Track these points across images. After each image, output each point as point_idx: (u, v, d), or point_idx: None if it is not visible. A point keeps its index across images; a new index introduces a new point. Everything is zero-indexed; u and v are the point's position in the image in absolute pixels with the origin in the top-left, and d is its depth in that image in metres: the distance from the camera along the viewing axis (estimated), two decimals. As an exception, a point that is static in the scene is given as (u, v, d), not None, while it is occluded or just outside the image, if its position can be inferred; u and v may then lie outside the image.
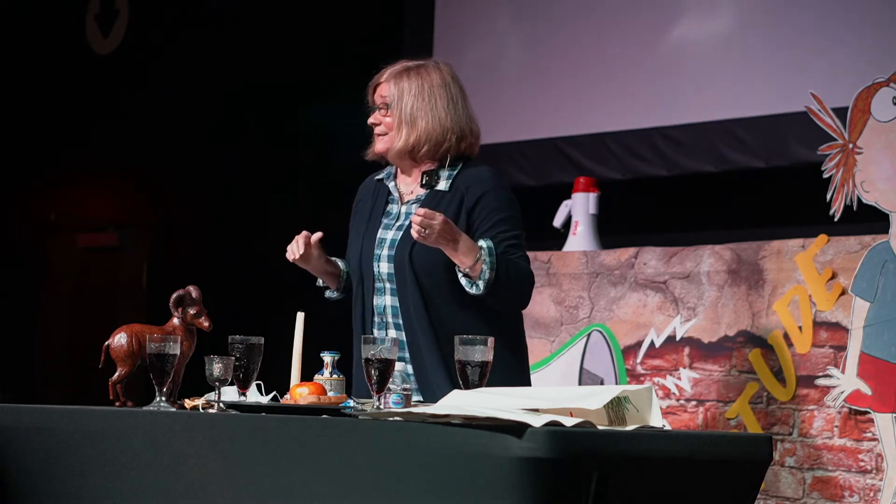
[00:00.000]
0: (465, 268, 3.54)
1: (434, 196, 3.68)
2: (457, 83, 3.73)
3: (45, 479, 3.46)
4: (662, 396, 4.69)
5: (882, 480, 4.20)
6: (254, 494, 3.06)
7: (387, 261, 3.68)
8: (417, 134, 3.67)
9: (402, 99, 3.68)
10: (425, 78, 3.70)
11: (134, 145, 7.88)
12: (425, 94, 3.68)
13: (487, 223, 3.62)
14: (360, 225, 3.80)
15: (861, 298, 4.27)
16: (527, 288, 3.63)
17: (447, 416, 2.76)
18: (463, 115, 3.71)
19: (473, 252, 3.53)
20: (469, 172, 3.70)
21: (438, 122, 3.67)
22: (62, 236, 8.41)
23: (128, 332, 3.56)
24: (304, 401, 3.32)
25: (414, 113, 3.67)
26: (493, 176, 3.70)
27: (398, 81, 3.70)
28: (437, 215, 3.48)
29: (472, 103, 3.80)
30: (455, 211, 3.64)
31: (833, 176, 4.32)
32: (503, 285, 3.55)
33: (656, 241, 4.96)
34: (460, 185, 3.67)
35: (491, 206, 3.64)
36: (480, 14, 6.45)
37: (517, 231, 3.66)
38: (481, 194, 3.65)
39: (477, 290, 3.55)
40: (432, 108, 3.67)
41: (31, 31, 8.35)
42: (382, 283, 3.69)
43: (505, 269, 3.54)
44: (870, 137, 4.28)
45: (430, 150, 3.69)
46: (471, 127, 3.73)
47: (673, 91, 5.78)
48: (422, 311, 3.62)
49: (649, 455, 2.77)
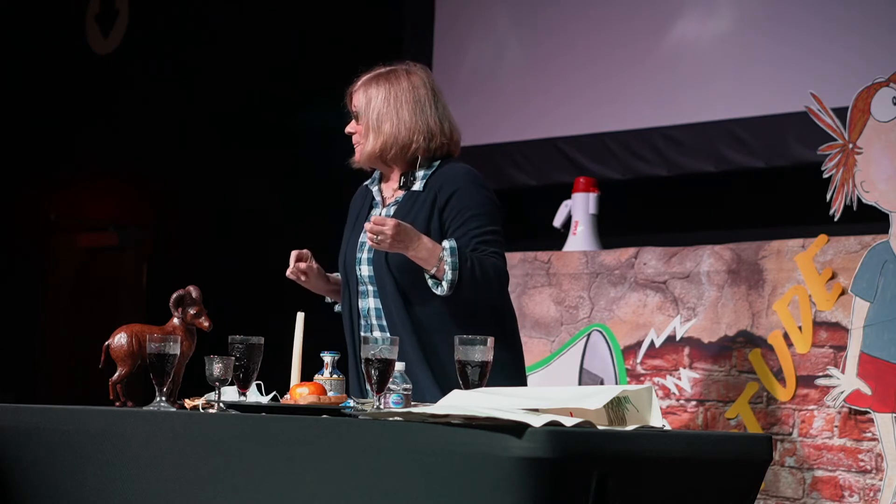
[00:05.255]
0: (430, 269, 3.56)
1: (410, 197, 3.72)
2: (427, 86, 3.77)
3: (45, 479, 3.47)
4: (662, 396, 4.69)
5: (882, 480, 4.20)
6: (254, 494, 3.06)
7: (367, 263, 3.73)
8: (384, 139, 3.72)
9: (369, 106, 3.75)
10: (393, 83, 3.75)
11: (134, 145, 7.88)
12: (391, 99, 3.73)
13: (458, 221, 3.65)
14: (347, 231, 3.87)
15: (861, 298, 4.27)
16: (495, 284, 3.62)
17: (447, 416, 2.76)
18: (433, 117, 3.75)
19: (435, 253, 3.56)
20: (443, 171, 3.74)
21: (403, 126, 3.72)
22: (62, 236, 8.41)
23: (128, 332, 3.56)
24: (304, 401, 3.32)
25: (380, 118, 3.73)
26: (467, 173, 3.73)
27: (367, 89, 3.77)
28: (389, 221, 3.51)
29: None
30: (428, 210, 3.68)
31: (833, 176, 4.32)
32: (468, 285, 3.56)
33: (656, 241, 4.96)
34: (434, 184, 3.71)
35: (462, 204, 3.66)
36: (480, 14, 6.45)
37: (490, 227, 3.66)
38: (452, 192, 3.68)
39: (442, 291, 3.57)
40: (397, 111, 3.72)
41: (31, 32, 8.35)
42: (365, 286, 3.73)
43: (469, 269, 3.56)
44: (870, 137, 4.29)
45: (399, 153, 3.74)
46: (442, 127, 3.76)
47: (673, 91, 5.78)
48: (402, 310, 3.65)
49: (649, 455, 2.77)
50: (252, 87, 7.34)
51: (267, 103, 7.27)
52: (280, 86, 7.19)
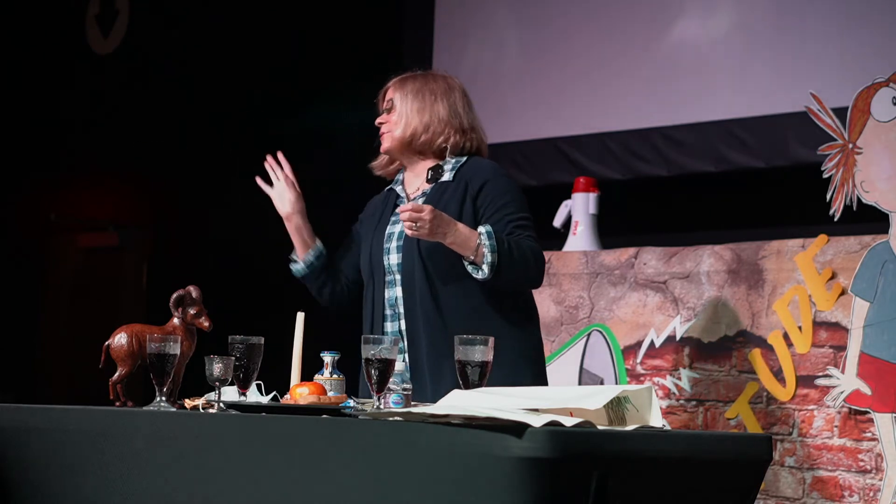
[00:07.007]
0: (468, 254, 3.57)
1: (439, 188, 3.76)
2: (459, 92, 3.85)
3: (45, 479, 3.46)
4: (662, 396, 4.69)
5: (882, 480, 4.20)
6: (254, 494, 3.06)
7: (396, 252, 3.75)
8: (416, 125, 3.79)
9: (405, 97, 3.82)
10: (429, 81, 3.85)
11: (134, 145, 7.88)
12: (426, 93, 3.81)
13: (493, 207, 3.69)
14: (368, 233, 3.88)
15: (861, 298, 4.27)
16: (534, 264, 3.64)
17: (447, 416, 2.76)
18: (465, 117, 3.83)
19: (472, 238, 3.57)
20: (473, 162, 3.79)
21: (436, 117, 3.80)
22: (62, 236, 8.41)
23: (128, 332, 3.56)
24: (304, 401, 3.32)
25: (413, 106, 3.80)
26: (496, 167, 3.81)
27: (403, 84, 3.85)
28: (425, 207, 3.53)
29: (472, 103, 3.87)
30: (460, 199, 3.70)
31: (833, 176, 4.32)
32: (507, 266, 3.58)
33: (656, 241, 4.96)
34: (465, 174, 3.75)
35: (496, 191, 3.71)
36: (480, 14, 6.45)
37: (523, 213, 3.72)
38: (485, 181, 3.72)
39: (483, 275, 3.58)
40: (432, 104, 3.80)
41: (31, 31, 8.35)
42: (393, 276, 3.75)
43: (507, 250, 3.58)
44: (870, 137, 4.29)
45: (428, 142, 3.79)
46: (473, 125, 3.84)
47: (673, 91, 5.78)
48: (427, 296, 3.66)
49: (649, 455, 2.77)
50: (252, 87, 7.34)
51: (267, 103, 7.27)
52: (280, 86, 7.18)
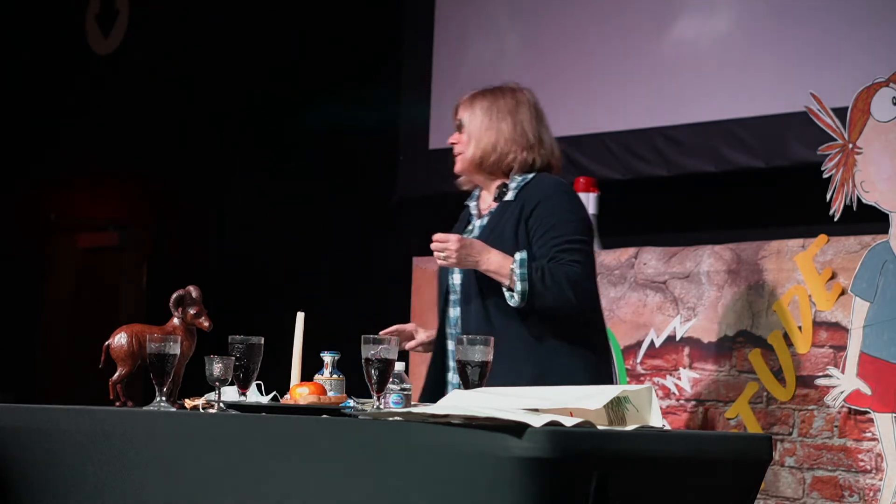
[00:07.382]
0: (504, 281, 3.61)
1: (502, 208, 3.79)
2: (530, 104, 3.85)
3: (45, 479, 3.46)
4: (662, 396, 4.69)
5: (882, 480, 4.20)
6: (254, 494, 3.06)
7: (458, 272, 3.79)
8: (483, 147, 3.80)
9: (473, 116, 3.84)
10: (497, 97, 3.85)
11: (134, 145, 7.88)
12: (493, 111, 3.82)
13: (541, 230, 3.69)
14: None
15: (861, 298, 4.27)
16: (570, 291, 3.62)
17: (447, 416, 2.76)
18: (531, 131, 3.82)
19: (506, 266, 3.61)
20: (536, 180, 3.79)
21: (502, 136, 3.80)
22: (62, 236, 8.41)
23: (128, 332, 3.56)
24: (304, 401, 3.32)
25: (481, 127, 3.82)
26: (557, 184, 3.79)
27: (472, 102, 3.87)
28: (451, 237, 3.59)
29: (544, 115, 3.89)
30: (515, 220, 3.73)
31: (833, 176, 4.32)
32: (539, 294, 3.60)
33: (656, 241, 4.96)
34: (525, 193, 3.76)
35: (545, 212, 3.71)
36: (480, 14, 6.45)
37: (572, 236, 3.69)
38: (538, 202, 3.72)
39: (515, 303, 3.62)
40: (498, 123, 3.81)
41: (31, 31, 8.35)
42: (456, 295, 3.81)
43: (539, 278, 3.60)
44: (870, 137, 4.29)
45: (497, 162, 3.81)
46: (541, 140, 3.83)
47: (673, 91, 5.77)
48: (481, 317, 3.70)
49: (649, 455, 2.77)
50: (252, 87, 7.33)
51: (267, 103, 7.26)
52: (280, 86, 7.18)
